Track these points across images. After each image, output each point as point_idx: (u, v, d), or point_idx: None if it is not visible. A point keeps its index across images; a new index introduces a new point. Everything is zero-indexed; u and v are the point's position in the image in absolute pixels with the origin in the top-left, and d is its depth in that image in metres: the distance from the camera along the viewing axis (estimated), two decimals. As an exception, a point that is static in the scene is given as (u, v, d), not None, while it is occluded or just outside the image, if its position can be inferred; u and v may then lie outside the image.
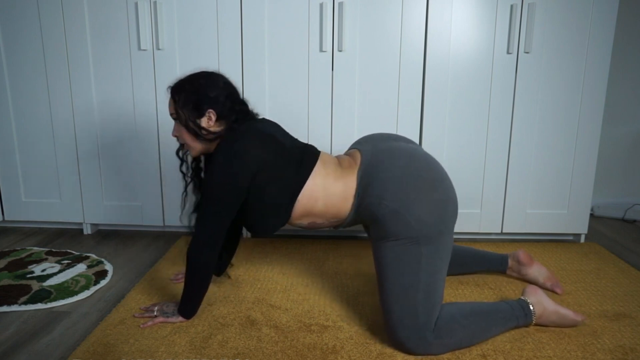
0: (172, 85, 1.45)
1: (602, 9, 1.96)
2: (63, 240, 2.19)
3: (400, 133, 2.07)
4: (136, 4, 2.01)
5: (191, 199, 1.56)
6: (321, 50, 2.01)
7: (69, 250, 2.03)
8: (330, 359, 1.27)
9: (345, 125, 2.08)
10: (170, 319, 1.44)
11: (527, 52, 1.99)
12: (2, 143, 2.20)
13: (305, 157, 1.42)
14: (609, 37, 1.98)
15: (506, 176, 2.11)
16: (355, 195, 1.37)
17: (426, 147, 2.08)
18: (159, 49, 2.05)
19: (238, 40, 2.03)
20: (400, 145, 1.41)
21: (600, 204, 2.73)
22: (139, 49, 2.05)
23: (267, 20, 2.01)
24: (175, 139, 1.50)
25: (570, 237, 2.24)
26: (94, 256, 1.97)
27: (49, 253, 2.00)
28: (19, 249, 2.05)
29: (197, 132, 1.40)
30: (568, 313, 1.42)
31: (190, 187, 1.57)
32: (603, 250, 2.08)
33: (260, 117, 1.53)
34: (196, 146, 1.44)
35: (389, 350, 1.32)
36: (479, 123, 2.07)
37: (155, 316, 1.45)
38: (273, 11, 2.00)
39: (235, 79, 2.03)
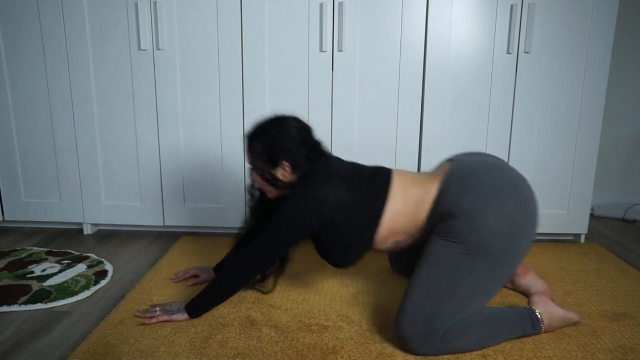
0: (247, 134, 1.46)
1: (602, 9, 1.96)
2: (63, 240, 2.19)
3: (400, 133, 2.07)
4: (136, 4, 2.01)
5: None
6: (321, 50, 2.01)
7: (69, 250, 2.03)
8: (330, 359, 1.27)
9: (345, 125, 2.08)
10: (173, 317, 1.44)
11: (527, 52, 1.99)
12: (2, 143, 2.20)
13: (378, 181, 1.41)
14: (609, 37, 1.98)
15: (506, 176, 2.11)
16: (434, 200, 1.35)
17: (426, 147, 2.09)
18: (159, 49, 2.05)
19: (238, 40, 2.03)
20: (493, 161, 1.41)
21: (600, 204, 2.73)
22: (139, 49, 2.05)
23: (267, 20, 2.01)
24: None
25: (570, 237, 2.24)
26: (94, 256, 1.97)
27: (49, 253, 2.00)
28: (19, 249, 2.05)
29: (273, 182, 1.43)
30: (573, 316, 1.41)
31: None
32: (603, 250, 2.08)
33: (328, 153, 1.51)
34: (273, 192, 1.47)
35: (389, 350, 1.31)
36: (479, 123, 2.07)
37: (158, 315, 1.45)
38: (273, 11, 2.00)
39: (235, 78, 2.06)
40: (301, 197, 1.36)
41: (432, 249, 1.32)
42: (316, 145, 1.45)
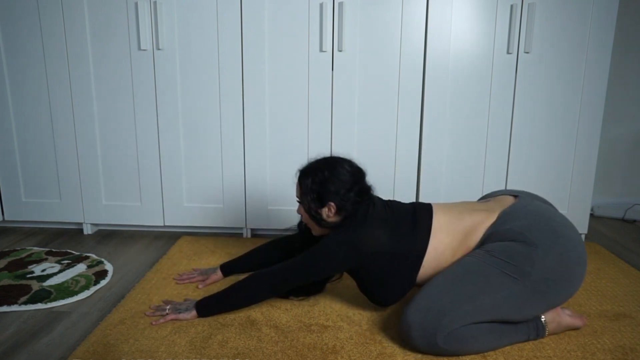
0: (300, 169, 1.50)
1: (602, 9, 1.96)
2: (63, 240, 2.19)
3: (400, 133, 2.07)
4: (136, 4, 2.01)
5: None
6: (321, 50, 2.01)
7: (69, 250, 2.03)
8: (330, 359, 1.27)
9: (345, 126, 2.08)
10: (181, 315, 1.45)
11: (527, 52, 1.99)
12: (2, 143, 2.20)
13: (419, 221, 1.42)
14: (609, 37, 1.98)
15: (506, 176, 2.11)
16: (490, 227, 1.36)
17: (426, 147, 2.09)
18: (159, 49, 2.05)
19: (238, 40, 2.03)
20: (555, 210, 1.44)
21: (600, 204, 2.73)
22: (139, 49, 2.05)
23: (267, 20, 2.01)
24: None
25: (570, 237, 2.24)
26: (94, 256, 1.97)
27: (49, 253, 1.99)
28: (19, 249, 2.05)
29: (317, 221, 1.47)
30: (577, 323, 1.41)
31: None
32: (603, 250, 2.08)
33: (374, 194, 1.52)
34: (316, 229, 1.51)
35: (389, 350, 1.31)
36: (479, 123, 2.07)
37: (167, 314, 1.46)
38: (273, 11, 2.00)
39: (235, 79, 2.06)
40: (338, 238, 1.40)
41: (471, 259, 1.33)
42: (365, 190, 1.46)
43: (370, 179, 1.53)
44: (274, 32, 2.02)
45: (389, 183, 2.11)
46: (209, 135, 2.12)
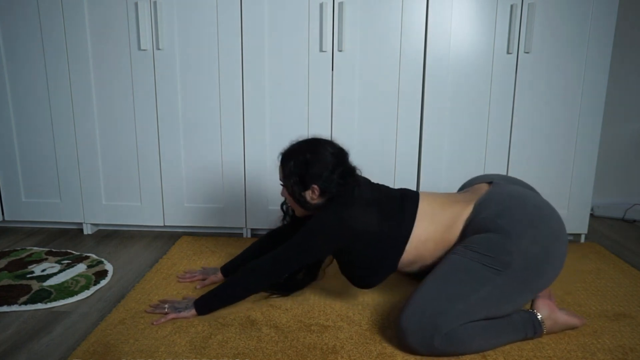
0: (282, 152, 1.50)
1: (602, 9, 1.96)
2: (63, 240, 2.19)
3: (400, 133, 2.07)
4: (136, 4, 2.01)
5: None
6: (321, 50, 2.01)
7: (69, 250, 2.03)
8: (330, 359, 1.27)
9: (345, 125, 2.08)
10: (181, 314, 1.45)
11: (527, 52, 1.99)
12: (2, 143, 2.20)
13: (406, 206, 1.43)
14: (609, 37, 1.98)
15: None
16: (468, 218, 1.37)
17: (426, 147, 2.09)
18: (159, 49, 2.05)
19: (238, 40, 2.03)
20: (529, 192, 1.44)
21: (600, 204, 2.73)
22: (139, 49, 2.05)
23: (267, 20, 2.01)
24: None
25: (571, 237, 2.23)
26: (94, 256, 1.97)
27: (49, 253, 1.99)
28: (19, 249, 2.05)
29: (302, 204, 1.47)
30: (575, 322, 1.41)
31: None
32: (603, 250, 2.08)
33: (359, 172, 1.52)
34: (300, 211, 1.51)
35: (389, 350, 1.32)
36: (479, 123, 2.07)
37: (166, 313, 1.46)
38: (273, 11, 2.00)
39: (235, 79, 2.06)
40: (323, 219, 1.40)
41: (455, 257, 1.33)
42: (349, 171, 1.46)
43: (370, 178, 1.53)
44: (274, 32, 2.02)
45: (389, 183, 2.11)
46: (209, 135, 2.12)
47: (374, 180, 1.56)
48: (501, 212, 1.32)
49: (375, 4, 1.97)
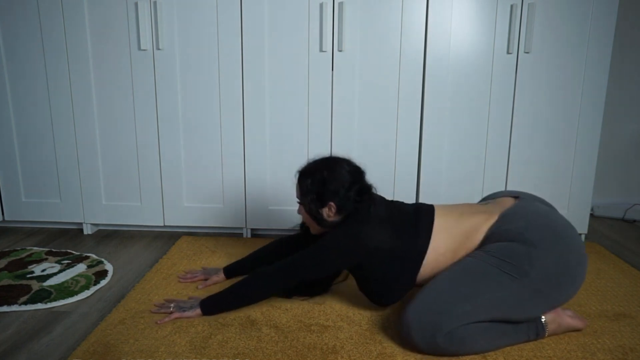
0: (300, 170, 1.51)
1: (602, 9, 1.96)
2: (63, 240, 2.19)
3: (400, 133, 2.07)
4: (136, 4, 2.01)
5: None
6: (321, 50, 2.01)
7: (69, 250, 2.03)
8: (330, 359, 1.27)
9: (345, 125, 2.08)
10: (185, 314, 1.45)
11: (527, 52, 1.99)
12: (2, 143, 2.20)
13: (421, 222, 1.42)
14: (609, 37, 1.98)
15: (506, 176, 2.11)
16: (490, 229, 1.36)
17: (426, 147, 2.09)
18: (159, 49, 2.05)
19: (238, 40, 2.03)
20: (555, 212, 1.44)
21: (600, 204, 2.72)
22: (139, 49, 2.05)
23: (267, 20, 2.01)
24: None
25: (570, 237, 2.23)
26: (94, 256, 1.97)
27: (49, 253, 1.99)
28: (19, 249, 2.05)
29: (318, 220, 1.48)
30: (578, 325, 1.41)
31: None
32: (603, 250, 2.08)
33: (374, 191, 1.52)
34: (316, 228, 1.52)
35: (389, 350, 1.32)
36: (479, 123, 2.07)
37: (171, 312, 1.46)
38: (273, 11, 2.00)
39: (235, 79, 2.06)
40: (338, 236, 1.41)
41: (470, 259, 1.33)
42: (365, 189, 1.47)
43: (370, 179, 1.53)
44: (274, 32, 2.02)
45: (389, 183, 2.11)
46: (209, 135, 2.12)
47: (374, 180, 1.56)
48: (528, 226, 1.32)
49: (375, 4, 1.97)
